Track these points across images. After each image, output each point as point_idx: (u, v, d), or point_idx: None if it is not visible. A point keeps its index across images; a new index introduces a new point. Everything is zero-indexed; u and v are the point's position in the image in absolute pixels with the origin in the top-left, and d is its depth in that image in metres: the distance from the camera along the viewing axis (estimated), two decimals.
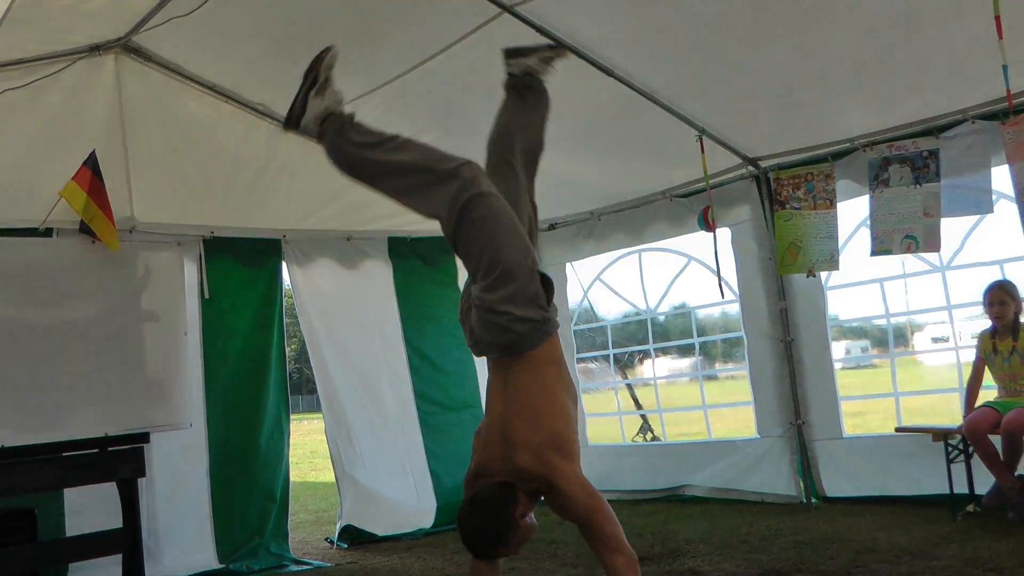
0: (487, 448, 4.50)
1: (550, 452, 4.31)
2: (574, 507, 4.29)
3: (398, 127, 8.21)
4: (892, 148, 7.83)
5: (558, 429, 4.39)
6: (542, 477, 4.29)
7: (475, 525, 4.29)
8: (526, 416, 4.38)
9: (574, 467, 4.38)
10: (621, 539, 4.29)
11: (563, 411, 4.48)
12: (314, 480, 16.27)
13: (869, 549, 6.58)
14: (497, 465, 4.39)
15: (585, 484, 4.34)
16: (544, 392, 4.46)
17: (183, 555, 7.85)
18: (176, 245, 7.90)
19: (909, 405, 8.87)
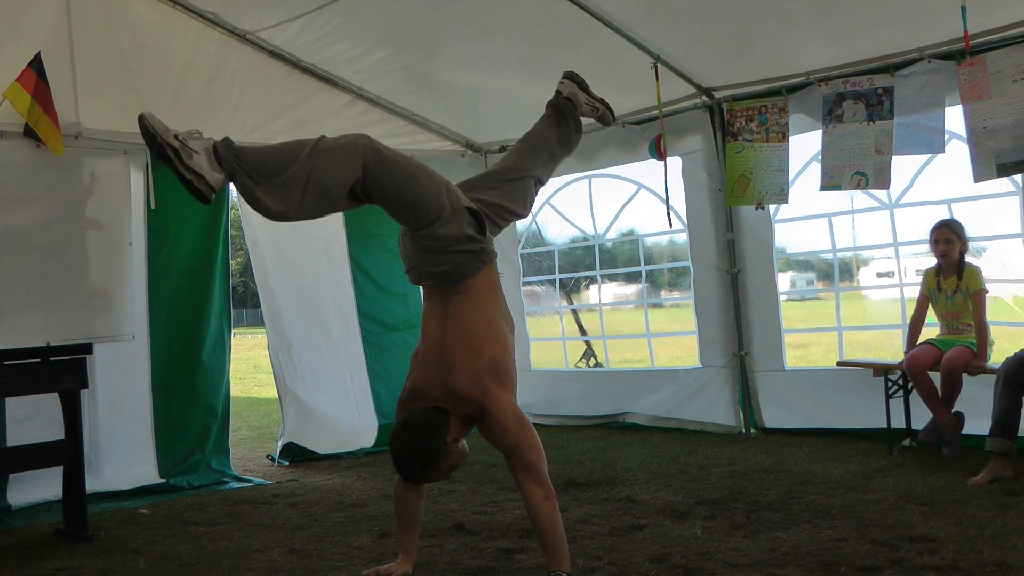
0: (423, 370, 4.57)
1: (488, 378, 4.41)
2: (504, 435, 4.40)
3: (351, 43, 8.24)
4: (847, 84, 7.82)
5: (496, 356, 4.49)
6: (477, 402, 4.39)
7: (406, 448, 4.40)
8: (465, 341, 4.47)
9: (509, 395, 4.47)
10: (543, 473, 4.41)
11: (502, 338, 4.57)
12: (257, 396, 16.25)
13: (805, 480, 6.69)
14: (434, 388, 4.48)
15: (518, 413, 4.44)
16: (483, 319, 4.54)
17: (124, 468, 7.79)
18: (123, 153, 7.74)
19: (851, 339, 9.00)
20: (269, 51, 8.45)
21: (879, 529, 5.31)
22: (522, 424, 4.42)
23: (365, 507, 6.78)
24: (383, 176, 4.25)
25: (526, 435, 4.41)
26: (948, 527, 5.25)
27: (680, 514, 5.93)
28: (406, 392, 4.66)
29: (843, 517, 5.64)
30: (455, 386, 4.42)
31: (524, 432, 4.41)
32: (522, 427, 4.41)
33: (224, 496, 7.54)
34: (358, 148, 4.25)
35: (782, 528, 5.48)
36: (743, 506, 6.06)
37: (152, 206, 8.02)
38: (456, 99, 9.31)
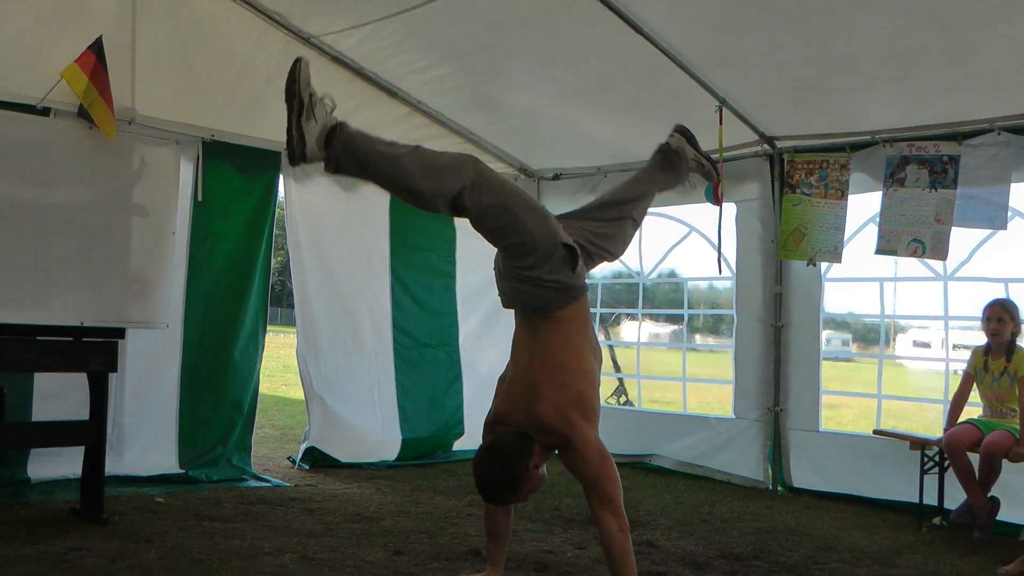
0: (510, 397, 4.71)
1: (573, 411, 4.51)
2: (586, 467, 4.51)
3: (415, 56, 8.22)
4: (912, 148, 7.70)
5: (583, 390, 4.58)
6: (561, 433, 4.50)
7: (490, 471, 4.53)
8: (553, 373, 4.57)
9: (592, 429, 4.56)
10: (620, 506, 4.51)
11: (589, 373, 4.67)
12: (284, 395, 16.24)
13: (830, 546, 6.53)
14: (519, 415, 4.61)
15: (600, 447, 4.54)
16: (572, 352, 4.64)
17: (145, 454, 7.78)
18: (175, 143, 7.75)
19: (886, 407, 8.82)
20: (332, 56, 8.44)
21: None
22: (603, 458, 4.53)
23: (382, 521, 6.70)
24: (484, 194, 4.33)
25: (607, 468, 4.52)
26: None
27: (700, 565, 5.82)
28: (492, 415, 4.81)
29: None
30: (541, 416, 4.52)
31: (605, 465, 4.52)
32: (603, 460, 4.52)
33: (241, 494, 7.49)
34: (468, 161, 4.39)
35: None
36: (765, 565, 5.93)
37: (199, 198, 8.03)
38: (514, 122, 9.26)
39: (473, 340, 9.95)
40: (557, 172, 10.17)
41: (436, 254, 9.70)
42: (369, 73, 8.71)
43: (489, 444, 4.61)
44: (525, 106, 8.84)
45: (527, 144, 9.91)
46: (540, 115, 8.91)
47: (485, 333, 10.01)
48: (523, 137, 9.72)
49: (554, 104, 8.64)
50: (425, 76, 8.59)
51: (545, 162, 10.18)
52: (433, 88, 8.84)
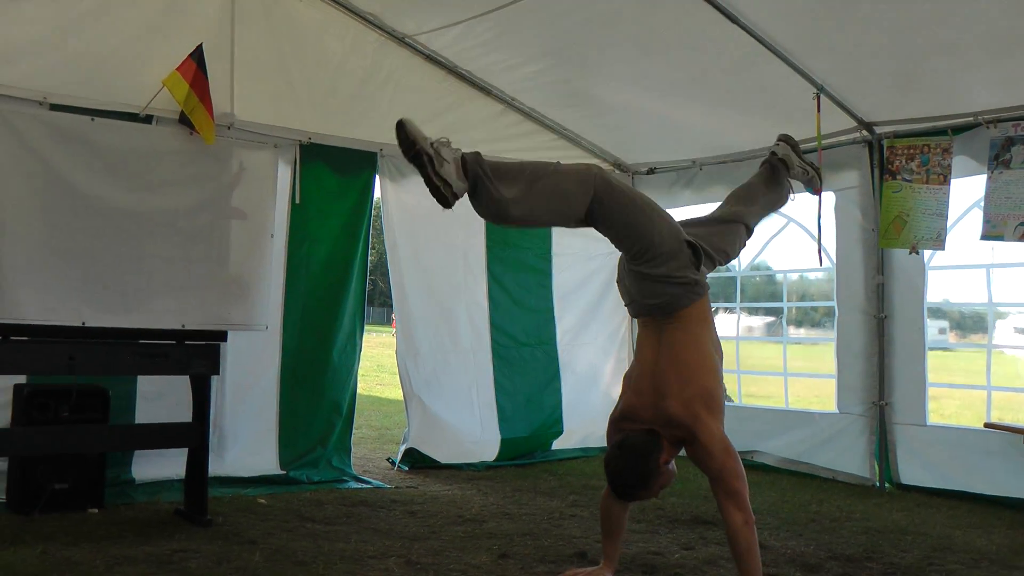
0: (637, 394, 4.83)
1: (699, 405, 4.62)
2: (711, 461, 4.60)
3: (508, 53, 8.18)
4: (1018, 128, 7.46)
5: (708, 385, 4.72)
6: (688, 428, 4.61)
7: (622, 468, 4.69)
8: (678, 369, 4.70)
9: (718, 423, 4.67)
10: (745, 499, 4.62)
11: (713, 368, 4.79)
12: (379, 395, 16.32)
13: (945, 547, 6.34)
14: (647, 411, 4.74)
15: (725, 441, 4.64)
16: (696, 348, 4.77)
17: (246, 456, 7.85)
18: (272, 146, 7.81)
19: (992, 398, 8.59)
20: (426, 55, 8.45)
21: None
22: (728, 452, 4.62)
23: (485, 523, 6.67)
24: (610, 204, 4.57)
25: (731, 462, 4.62)
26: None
27: (811, 567, 5.68)
28: (618, 412, 4.94)
29: None
30: (667, 411, 4.64)
31: (730, 459, 4.62)
32: (728, 455, 4.62)
33: (342, 495, 7.51)
34: (590, 175, 4.57)
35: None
36: (879, 567, 5.77)
37: (297, 201, 8.09)
38: (608, 117, 9.19)
39: (571, 338, 9.89)
40: (652, 166, 10.07)
41: (532, 251, 9.66)
42: (463, 71, 8.71)
43: (620, 443, 4.74)
44: (619, 100, 8.77)
45: (621, 138, 9.83)
46: (634, 109, 8.83)
47: (582, 331, 9.96)
48: (617, 131, 9.65)
49: (648, 97, 8.55)
50: (518, 73, 8.56)
51: (640, 156, 10.09)
52: (526, 84, 8.81)
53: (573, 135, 9.64)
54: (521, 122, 9.31)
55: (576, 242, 9.82)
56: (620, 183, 4.73)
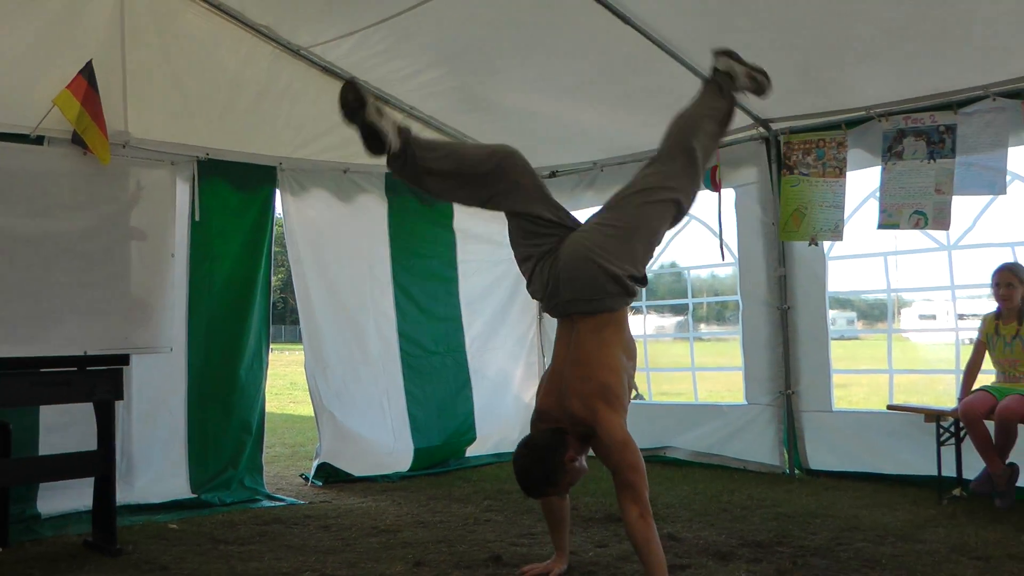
0: (548, 394, 5.01)
1: (597, 400, 4.73)
2: (608, 454, 4.71)
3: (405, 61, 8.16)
4: (908, 120, 7.66)
5: (608, 380, 4.80)
6: (588, 423, 4.73)
7: (527, 466, 4.80)
8: (581, 367, 4.84)
9: (617, 418, 4.76)
10: (642, 492, 4.67)
11: (615, 366, 4.87)
12: (293, 412, 16.18)
13: (852, 527, 6.50)
14: (555, 410, 4.90)
15: (624, 435, 4.72)
16: (601, 347, 4.88)
17: (156, 482, 7.73)
18: (170, 164, 7.67)
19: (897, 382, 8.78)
20: (322, 67, 8.36)
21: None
22: (626, 446, 4.69)
23: (399, 533, 6.65)
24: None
25: (629, 456, 4.68)
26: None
27: (723, 555, 5.76)
28: (535, 413, 5.08)
29: (893, 568, 5.45)
30: (570, 408, 4.79)
31: (628, 453, 4.68)
32: (626, 448, 4.69)
33: (255, 515, 7.44)
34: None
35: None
36: (789, 551, 5.87)
37: (196, 218, 8.00)
38: (510, 121, 9.20)
39: (480, 344, 9.89)
40: (554, 169, 10.11)
41: (437, 259, 9.65)
42: (361, 82, 8.63)
43: (525, 441, 4.88)
44: (518, 105, 8.79)
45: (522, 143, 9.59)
46: (534, 113, 8.86)
47: (491, 337, 9.97)
48: (518, 136, 9.56)
49: (547, 101, 8.58)
50: (416, 81, 8.53)
51: (542, 160, 10.09)
52: (426, 93, 8.78)
53: (474, 141, 9.65)
54: (421, 130, 9.22)
55: (481, 249, 9.84)
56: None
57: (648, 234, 5.05)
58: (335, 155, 8.81)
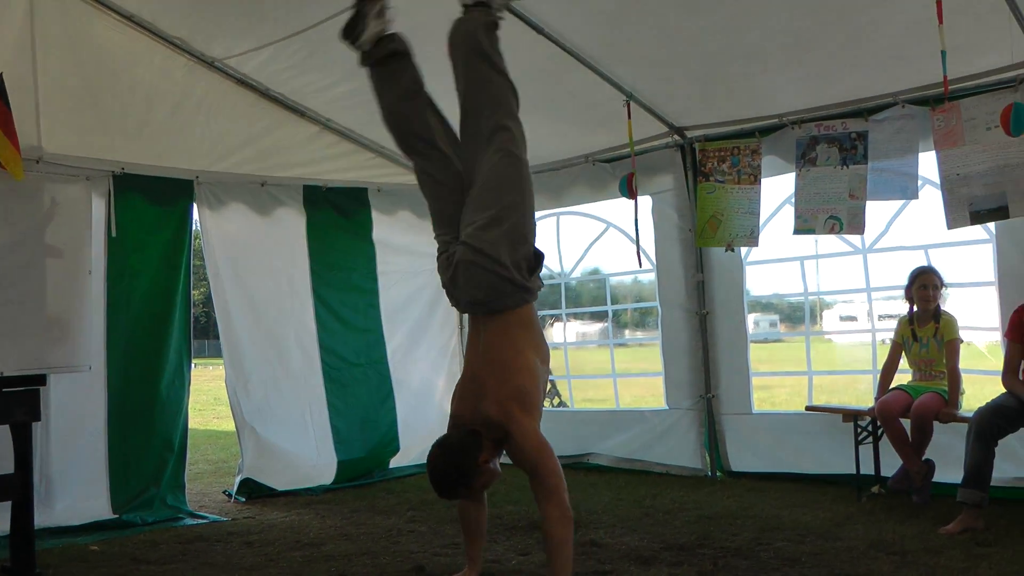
0: (462, 399, 5.00)
1: (513, 404, 4.72)
2: (524, 456, 4.71)
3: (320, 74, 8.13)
4: (821, 127, 7.80)
5: (522, 384, 4.81)
6: (502, 426, 4.70)
7: (440, 466, 4.76)
8: (494, 369, 4.84)
9: (532, 421, 4.78)
10: (561, 494, 4.68)
11: (530, 369, 4.89)
12: (216, 428, 16.03)
13: (773, 526, 6.59)
14: (469, 414, 4.87)
15: (538, 437, 4.74)
16: (513, 350, 4.88)
17: (76, 503, 7.59)
18: (84, 179, 7.57)
19: (817, 383, 8.93)
20: (237, 79, 8.30)
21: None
22: (542, 449, 4.71)
23: (323, 546, 6.63)
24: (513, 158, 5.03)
25: (545, 458, 4.70)
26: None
27: (646, 560, 5.82)
28: (450, 418, 5.06)
29: (813, 565, 5.54)
30: (485, 411, 4.76)
31: (544, 456, 4.70)
32: (543, 451, 4.71)
33: (178, 533, 7.36)
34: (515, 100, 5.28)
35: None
36: (711, 552, 5.95)
37: (113, 234, 7.89)
38: None
39: (402, 355, 9.86)
40: None
41: (357, 272, 9.61)
42: (276, 94, 8.59)
43: (439, 442, 4.83)
44: None
45: None
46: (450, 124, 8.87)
47: (413, 348, 9.95)
48: None
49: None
50: (331, 93, 8.50)
51: None
52: (341, 105, 8.75)
53: (390, 153, 9.62)
54: (338, 143, 9.26)
55: (401, 260, 9.83)
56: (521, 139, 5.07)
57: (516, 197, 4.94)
58: (252, 168, 8.76)
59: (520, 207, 4.91)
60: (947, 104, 6.86)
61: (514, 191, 4.90)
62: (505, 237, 4.82)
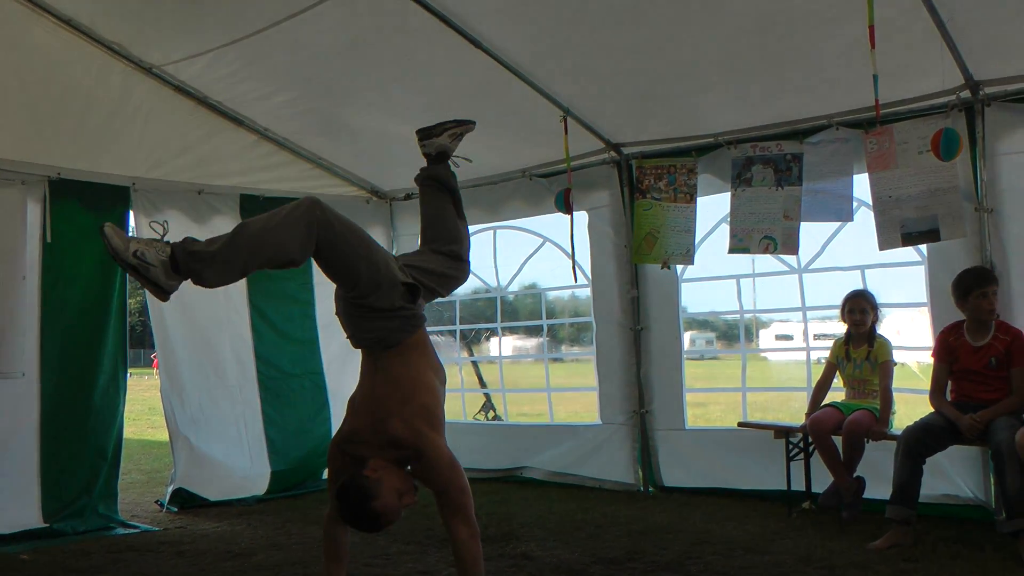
0: (359, 416, 4.82)
1: (420, 422, 4.65)
2: (437, 476, 4.62)
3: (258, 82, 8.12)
4: (756, 148, 7.89)
5: (427, 402, 4.75)
6: (412, 445, 4.61)
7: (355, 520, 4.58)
8: (396, 389, 4.73)
9: (442, 439, 4.73)
10: (470, 513, 4.63)
11: (431, 387, 4.84)
12: (151, 438, 15.86)
13: (703, 540, 6.66)
14: (367, 433, 4.71)
15: (449, 455, 4.67)
16: (412, 369, 4.81)
17: (5, 511, 7.48)
18: (20, 183, 7.53)
19: (751, 400, 9.02)
20: (175, 86, 8.25)
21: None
22: (453, 466, 4.65)
23: (254, 556, 6.62)
24: (331, 251, 4.53)
25: (456, 477, 4.64)
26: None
27: (576, 573, 5.87)
28: (341, 435, 4.87)
29: None
30: (390, 430, 4.62)
31: (455, 474, 4.64)
32: (453, 469, 4.65)
33: (109, 543, 7.32)
34: (312, 227, 4.44)
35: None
36: (640, 566, 6.00)
37: (48, 240, 7.80)
38: (362, 145, 9.23)
39: (338, 366, 9.79)
40: (409, 192, 10.15)
41: (293, 282, 9.56)
42: (214, 102, 8.55)
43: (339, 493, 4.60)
44: (372, 128, 8.80)
45: (377, 166, 9.89)
46: (388, 136, 8.87)
47: (349, 358, 9.74)
48: (372, 159, 9.69)
49: (398, 123, 8.55)
50: (271, 102, 8.50)
51: (396, 183, 10.17)
52: (280, 114, 8.75)
53: (328, 164, 9.65)
54: (275, 152, 9.24)
55: None
56: (341, 225, 4.61)
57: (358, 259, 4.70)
58: (189, 175, 8.73)
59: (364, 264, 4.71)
60: (880, 127, 6.98)
61: (358, 260, 4.68)
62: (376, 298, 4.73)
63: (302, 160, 9.49)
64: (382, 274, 4.68)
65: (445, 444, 4.74)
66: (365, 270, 4.62)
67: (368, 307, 4.72)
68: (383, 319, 4.76)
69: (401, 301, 4.76)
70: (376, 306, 4.71)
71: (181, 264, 4.33)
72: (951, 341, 6.74)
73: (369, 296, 4.68)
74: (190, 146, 8.59)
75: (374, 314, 4.74)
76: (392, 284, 4.72)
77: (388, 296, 4.71)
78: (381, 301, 4.70)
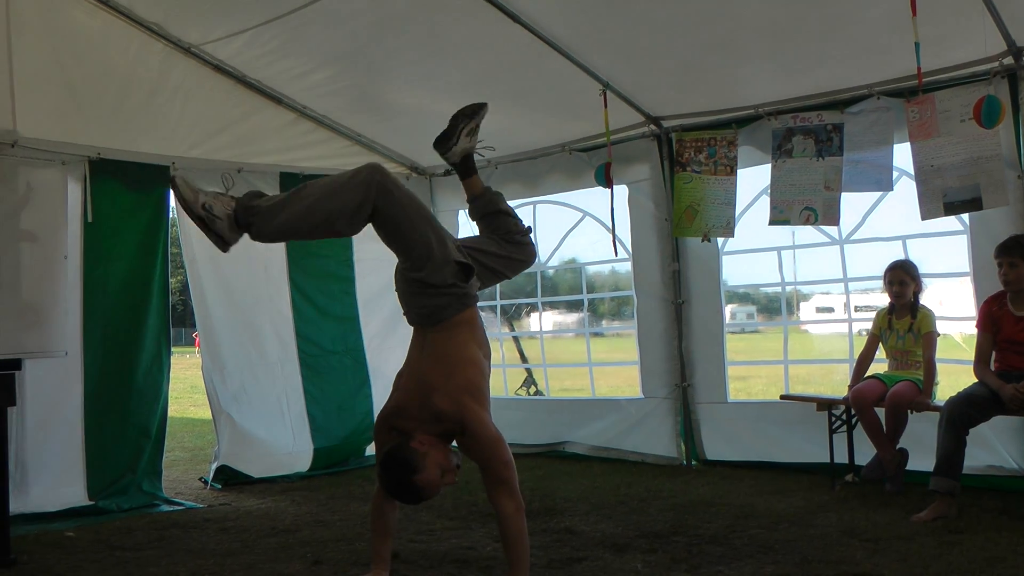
0: (406, 392, 4.93)
1: (465, 396, 4.75)
2: (479, 448, 4.72)
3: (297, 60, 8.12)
4: (797, 119, 7.83)
5: (472, 377, 4.85)
6: (456, 419, 4.69)
7: (398, 492, 4.74)
8: (442, 365, 4.84)
9: (486, 414, 4.80)
10: (515, 486, 4.72)
11: (476, 362, 4.93)
12: (194, 416, 16.00)
13: (747, 514, 6.63)
14: (414, 408, 4.81)
15: (492, 429, 4.76)
16: (458, 346, 4.91)
17: (51, 489, 7.55)
18: (60, 164, 7.56)
19: (793, 373, 8.97)
20: (214, 65, 8.27)
21: (823, 565, 5.25)
22: (497, 440, 4.73)
23: (298, 533, 6.64)
24: (387, 216, 4.73)
25: (500, 450, 4.72)
26: (892, 564, 5.21)
27: (620, 547, 5.84)
28: (388, 409, 5.00)
29: (786, 552, 5.57)
30: (436, 404, 4.72)
31: (499, 448, 4.72)
32: (497, 443, 4.73)
33: (154, 520, 7.36)
34: (371, 189, 4.65)
35: (724, 563, 5.41)
36: (684, 540, 5.98)
37: (89, 219, 7.83)
38: (402, 121, 9.20)
39: (378, 343, 9.84)
40: (448, 168, 10.11)
41: (333, 259, 9.60)
42: (252, 80, 8.56)
43: (383, 461, 4.71)
44: (411, 104, 8.78)
45: (415, 141, 9.84)
46: (426, 112, 8.82)
47: (389, 335, 9.89)
48: (412, 135, 9.66)
49: (438, 99, 8.55)
50: (309, 80, 8.50)
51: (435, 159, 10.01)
52: (318, 92, 8.74)
53: (368, 141, 9.64)
54: (314, 130, 9.24)
55: (377, 248, 9.60)
56: (399, 192, 4.78)
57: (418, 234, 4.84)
58: (228, 154, 8.71)
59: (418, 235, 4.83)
60: (921, 96, 6.91)
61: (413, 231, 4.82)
62: (428, 273, 4.85)
63: (341, 137, 9.48)
64: (435, 249, 4.79)
65: (490, 418, 4.80)
66: (419, 240, 4.76)
67: (420, 281, 4.83)
68: (434, 295, 4.86)
69: (453, 279, 4.87)
70: (428, 281, 4.82)
71: (240, 218, 4.63)
72: (994, 311, 6.68)
73: (422, 270, 4.80)
74: (229, 125, 8.59)
75: (426, 289, 4.85)
76: (445, 261, 4.83)
77: (440, 272, 4.82)
78: (433, 277, 4.81)
